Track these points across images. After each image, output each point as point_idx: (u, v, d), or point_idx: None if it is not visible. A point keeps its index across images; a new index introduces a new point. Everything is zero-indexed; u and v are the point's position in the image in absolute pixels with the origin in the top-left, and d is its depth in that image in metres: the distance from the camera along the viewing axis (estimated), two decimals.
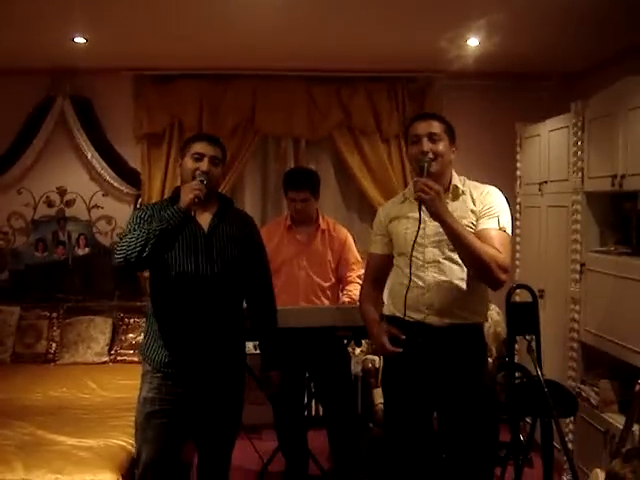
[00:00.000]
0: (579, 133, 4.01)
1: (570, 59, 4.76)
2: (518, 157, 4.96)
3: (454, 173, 2.80)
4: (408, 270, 2.67)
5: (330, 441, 3.93)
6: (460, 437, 2.72)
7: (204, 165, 2.74)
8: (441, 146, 2.70)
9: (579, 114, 4.01)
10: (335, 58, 4.86)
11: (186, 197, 2.58)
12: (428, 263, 2.68)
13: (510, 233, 2.70)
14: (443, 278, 2.67)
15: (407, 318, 2.72)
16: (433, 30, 3.87)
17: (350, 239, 4.00)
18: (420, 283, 2.68)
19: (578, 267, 4.02)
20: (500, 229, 2.65)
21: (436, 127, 2.71)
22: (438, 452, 2.85)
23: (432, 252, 2.68)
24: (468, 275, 2.66)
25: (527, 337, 3.22)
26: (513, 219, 2.85)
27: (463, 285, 2.66)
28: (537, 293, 3.43)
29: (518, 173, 4.93)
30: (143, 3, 3.60)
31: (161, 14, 3.80)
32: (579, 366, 4.06)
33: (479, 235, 2.62)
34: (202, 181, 2.66)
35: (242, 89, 5.18)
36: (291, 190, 3.80)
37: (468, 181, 2.82)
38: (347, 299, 3.83)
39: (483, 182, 2.85)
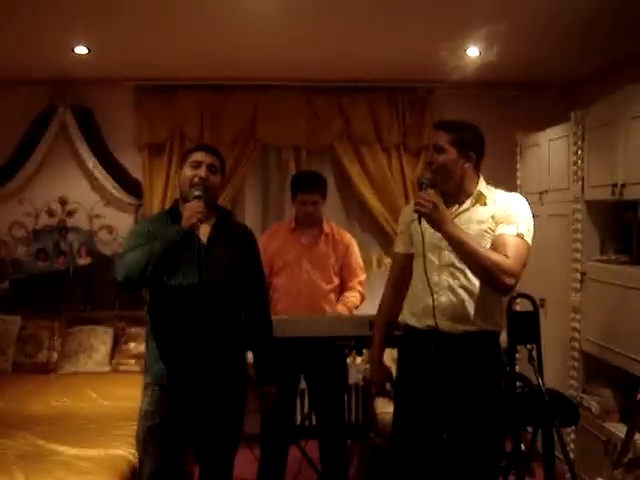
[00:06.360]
0: (579, 142, 4.02)
1: (570, 68, 4.77)
2: (518, 166, 4.98)
3: (482, 181, 2.74)
4: (423, 273, 2.65)
5: (321, 452, 3.87)
6: (468, 447, 2.69)
7: (202, 172, 2.71)
8: (442, 158, 2.65)
9: (579, 123, 4.02)
10: (335, 68, 4.88)
11: (188, 220, 2.56)
12: (443, 266, 2.65)
13: (529, 241, 2.61)
14: (457, 283, 2.63)
15: (420, 325, 2.71)
16: (433, 40, 3.89)
17: (354, 244, 4.00)
18: (434, 287, 2.65)
19: (579, 276, 4.02)
20: (517, 235, 2.58)
21: (440, 138, 2.67)
22: (445, 463, 2.82)
23: (449, 255, 2.63)
24: (482, 282, 2.63)
25: (528, 346, 3.22)
26: None
27: (477, 291, 2.61)
28: (538, 302, 3.44)
29: (518, 182, 4.94)
30: (144, 14, 3.62)
31: (162, 25, 3.83)
32: (580, 375, 4.06)
33: (495, 240, 2.59)
34: (199, 197, 2.62)
35: (243, 99, 5.20)
36: (303, 193, 3.78)
37: (495, 189, 2.77)
38: (342, 306, 3.85)
39: None
